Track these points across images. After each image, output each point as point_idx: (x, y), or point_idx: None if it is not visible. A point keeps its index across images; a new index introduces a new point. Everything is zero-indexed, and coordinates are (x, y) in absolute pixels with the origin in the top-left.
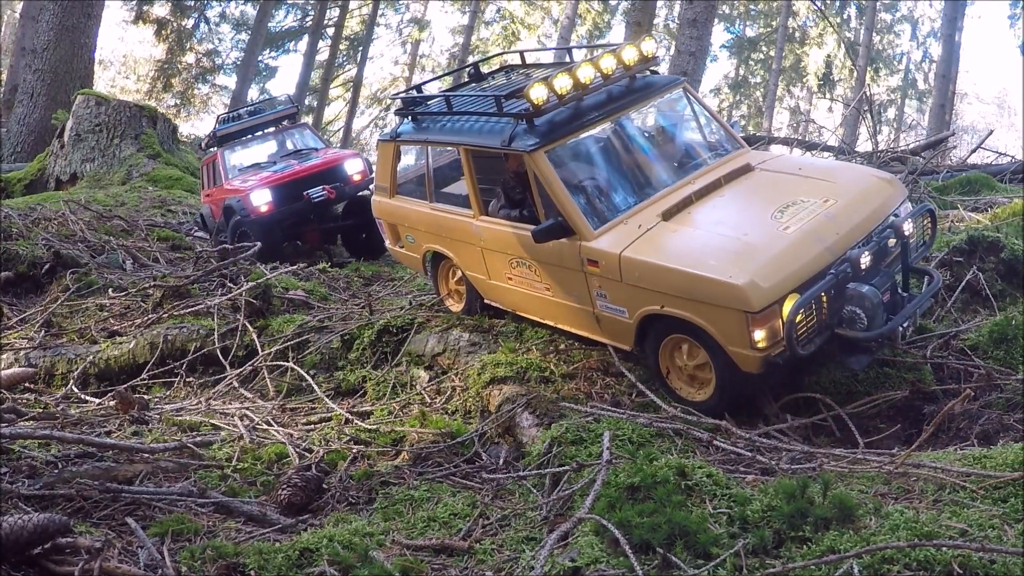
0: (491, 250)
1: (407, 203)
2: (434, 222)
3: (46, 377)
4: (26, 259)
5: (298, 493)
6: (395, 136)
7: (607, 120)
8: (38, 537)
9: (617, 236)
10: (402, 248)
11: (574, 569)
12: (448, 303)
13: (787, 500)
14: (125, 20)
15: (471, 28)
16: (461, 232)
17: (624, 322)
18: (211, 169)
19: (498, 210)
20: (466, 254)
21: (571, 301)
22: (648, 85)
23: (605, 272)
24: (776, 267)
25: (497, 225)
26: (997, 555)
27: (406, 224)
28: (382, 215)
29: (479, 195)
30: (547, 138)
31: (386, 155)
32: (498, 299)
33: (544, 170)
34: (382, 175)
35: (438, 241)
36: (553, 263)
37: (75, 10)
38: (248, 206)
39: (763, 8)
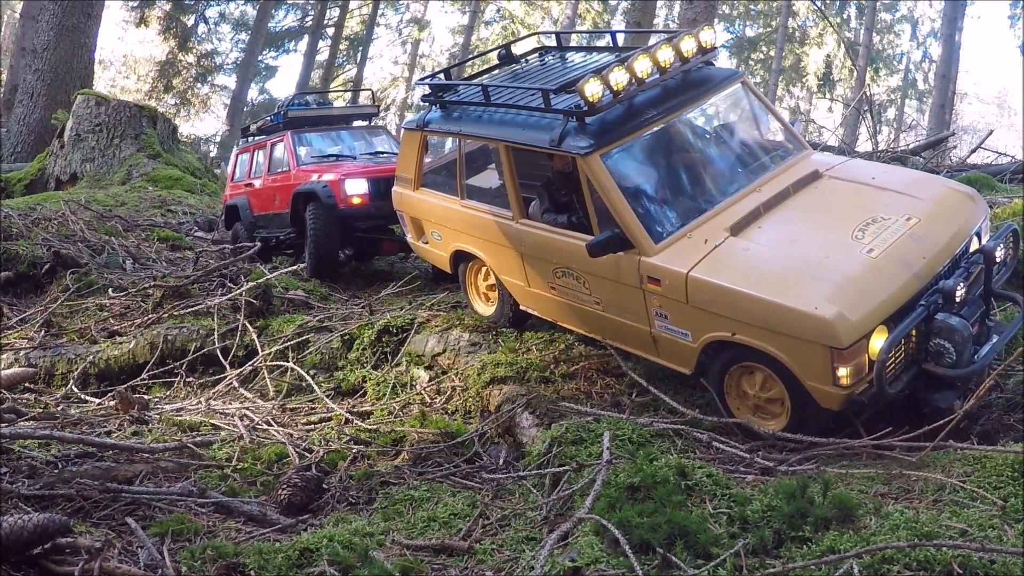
0: (533, 257)
1: (433, 197)
2: (465, 221)
3: (46, 377)
4: (26, 259)
5: (298, 493)
6: (423, 124)
7: (665, 119)
8: (38, 537)
9: (681, 252)
10: (426, 244)
11: (574, 569)
12: (476, 305)
13: (787, 500)
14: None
15: (471, 28)
16: (497, 234)
17: (686, 345)
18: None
19: (541, 213)
20: (502, 258)
21: (624, 318)
22: (705, 79)
23: (668, 292)
24: (864, 297)
25: (541, 231)
26: (997, 555)
27: (432, 220)
28: (405, 208)
29: (520, 196)
30: (602, 140)
31: (411, 144)
32: (537, 308)
33: (600, 176)
34: (406, 165)
35: (469, 241)
36: (607, 277)
37: (75, 10)
38: (338, 194)
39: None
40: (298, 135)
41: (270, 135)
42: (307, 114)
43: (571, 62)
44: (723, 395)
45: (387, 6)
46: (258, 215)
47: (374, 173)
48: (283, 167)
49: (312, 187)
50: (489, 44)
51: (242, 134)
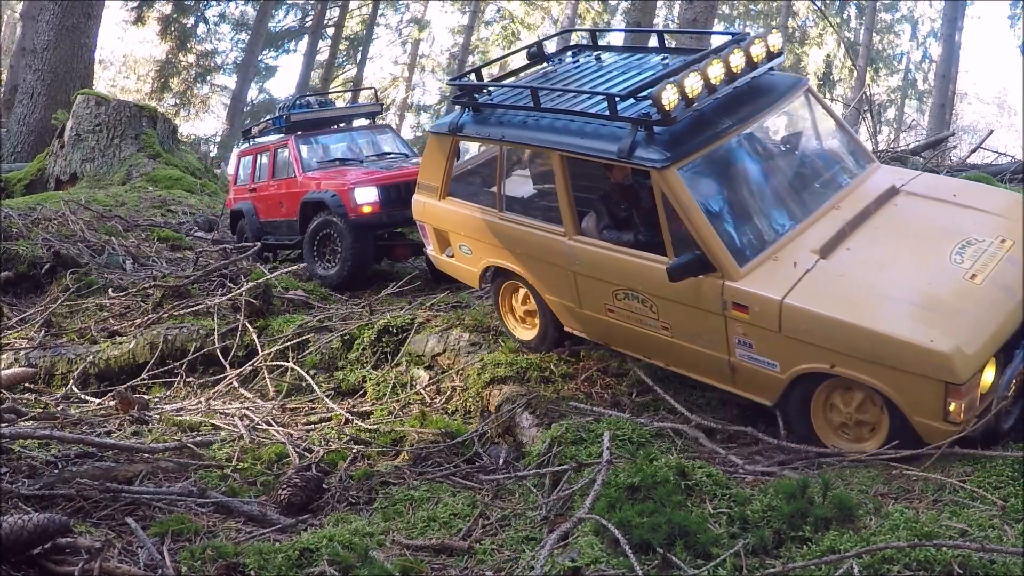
0: (589, 276)
1: (464, 208)
2: (504, 235)
3: (46, 377)
4: (26, 259)
5: (298, 493)
6: (455, 128)
7: (740, 130)
8: (38, 537)
9: (770, 276)
10: (450, 259)
11: (574, 569)
12: (512, 328)
13: (787, 500)
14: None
15: (471, 28)
16: (545, 251)
17: (773, 376)
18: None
19: (599, 230)
20: (549, 276)
21: (699, 345)
22: (771, 87)
23: (757, 320)
24: (977, 329)
25: (601, 249)
26: (997, 555)
27: (461, 232)
28: (428, 219)
29: (574, 210)
30: (678, 152)
31: (440, 150)
32: (589, 331)
33: (678, 192)
34: (432, 172)
35: (507, 257)
36: (682, 302)
37: (75, 10)
38: (347, 203)
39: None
40: (301, 139)
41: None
42: (310, 117)
43: (607, 63)
44: (806, 416)
45: (387, 6)
46: (264, 221)
47: (384, 180)
48: (288, 173)
49: (320, 196)
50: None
51: (243, 136)
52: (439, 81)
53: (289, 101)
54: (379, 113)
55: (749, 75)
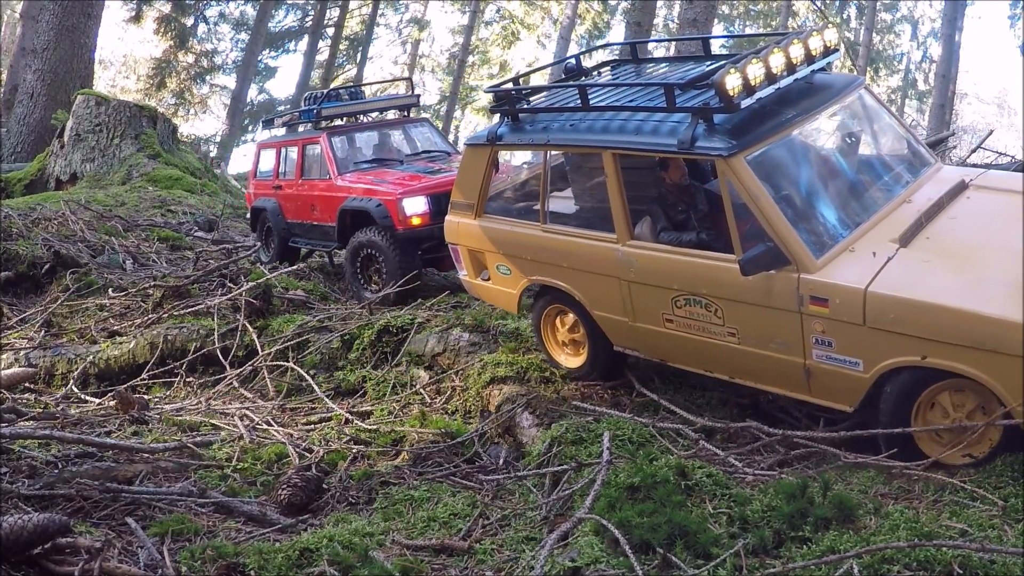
0: (644, 284)
1: (503, 224)
2: (549, 248)
3: (46, 377)
4: (26, 259)
5: (298, 493)
6: (494, 139)
7: (805, 121)
8: (38, 537)
9: (850, 267)
10: (487, 282)
11: (574, 569)
12: (556, 356)
13: (787, 500)
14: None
15: (471, 28)
16: (595, 261)
17: (855, 376)
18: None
19: (656, 233)
20: (598, 289)
21: (769, 350)
22: (829, 84)
23: (838, 313)
24: None
25: (658, 252)
26: (997, 555)
27: (500, 251)
28: (461, 240)
29: (628, 212)
30: (745, 140)
31: (476, 163)
32: (643, 346)
33: (747, 180)
34: (467, 189)
35: (551, 273)
36: (751, 302)
37: (75, 10)
38: (395, 215)
39: (763, 8)
40: (334, 136)
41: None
42: (343, 110)
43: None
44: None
45: (387, 6)
46: (292, 222)
47: (434, 188)
48: (321, 173)
49: (364, 206)
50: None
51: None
52: (439, 81)
53: (317, 94)
54: (415, 105)
55: (808, 68)
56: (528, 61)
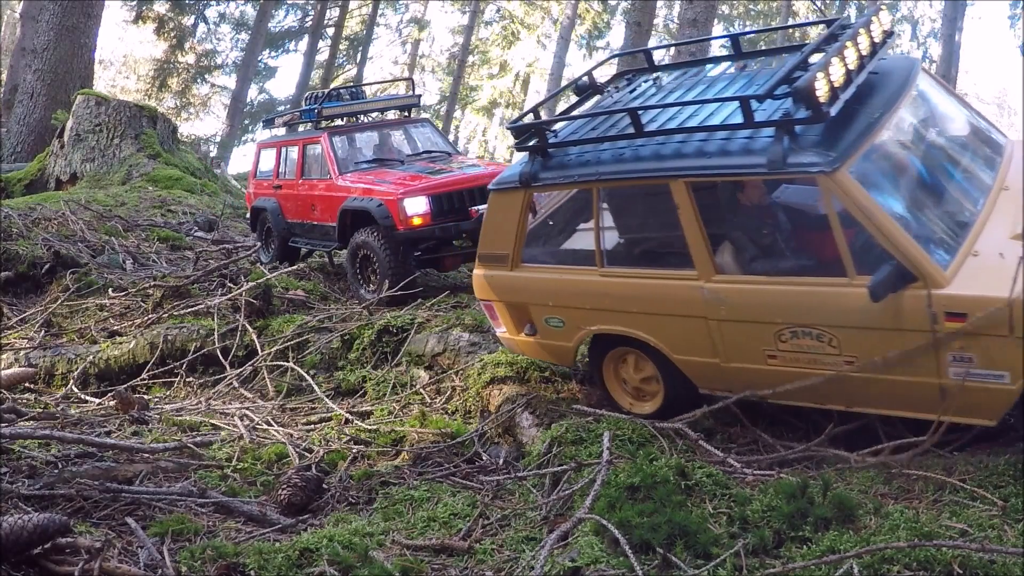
0: (739, 321)
1: (549, 273)
2: (612, 294)
3: (46, 377)
4: (26, 259)
5: (298, 493)
6: (529, 179)
7: (891, 117)
8: (38, 537)
9: (981, 274)
10: (532, 337)
11: (574, 569)
12: (624, 402)
13: (787, 500)
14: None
15: (471, 28)
16: (672, 302)
17: (1001, 390)
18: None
19: (747, 263)
20: (680, 333)
21: (896, 374)
22: (890, 70)
23: (980, 326)
24: None
25: (754, 285)
26: (997, 555)
27: (549, 303)
28: (498, 294)
29: (710, 246)
30: (841, 150)
31: (507, 210)
32: (736, 385)
33: (856, 195)
34: (498, 239)
35: (618, 320)
36: (877, 327)
37: (75, 10)
38: (396, 215)
39: (763, 8)
40: (335, 136)
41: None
42: (344, 110)
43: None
44: None
45: (387, 6)
46: (293, 222)
47: (434, 188)
48: (321, 173)
49: (365, 205)
50: (489, 44)
51: (264, 126)
52: (439, 81)
53: (317, 94)
54: (415, 105)
55: (875, 60)
56: (528, 61)
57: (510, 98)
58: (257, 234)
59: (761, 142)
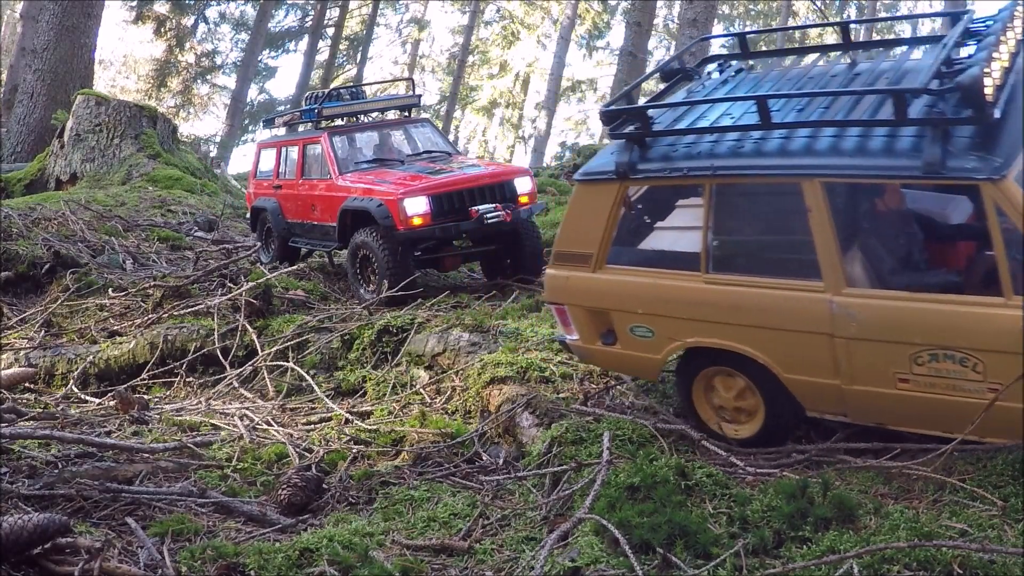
0: (871, 340)
1: (639, 276)
2: (717, 304)
3: (46, 377)
4: (26, 259)
5: (298, 493)
6: (626, 170)
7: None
8: (38, 537)
9: None
10: (613, 347)
11: (574, 569)
12: (715, 425)
13: (787, 500)
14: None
15: (471, 28)
16: (791, 317)
17: None
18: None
19: (883, 275)
20: (795, 350)
21: None
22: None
23: None
24: None
25: (894, 301)
26: (997, 555)
27: (638, 310)
28: (574, 298)
29: (841, 255)
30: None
31: (597, 204)
32: (858, 410)
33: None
34: (581, 236)
35: (721, 333)
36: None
37: (75, 10)
38: (396, 215)
39: (763, 8)
40: (335, 136)
41: (299, 132)
42: (344, 110)
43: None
44: None
45: (387, 6)
46: (293, 222)
47: (435, 188)
48: (321, 173)
49: (365, 205)
50: (489, 44)
51: (264, 125)
52: (439, 81)
53: (318, 94)
54: (416, 105)
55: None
56: (528, 61)
57: (510, 98)
58: (257, 234)
59: (907, 142)
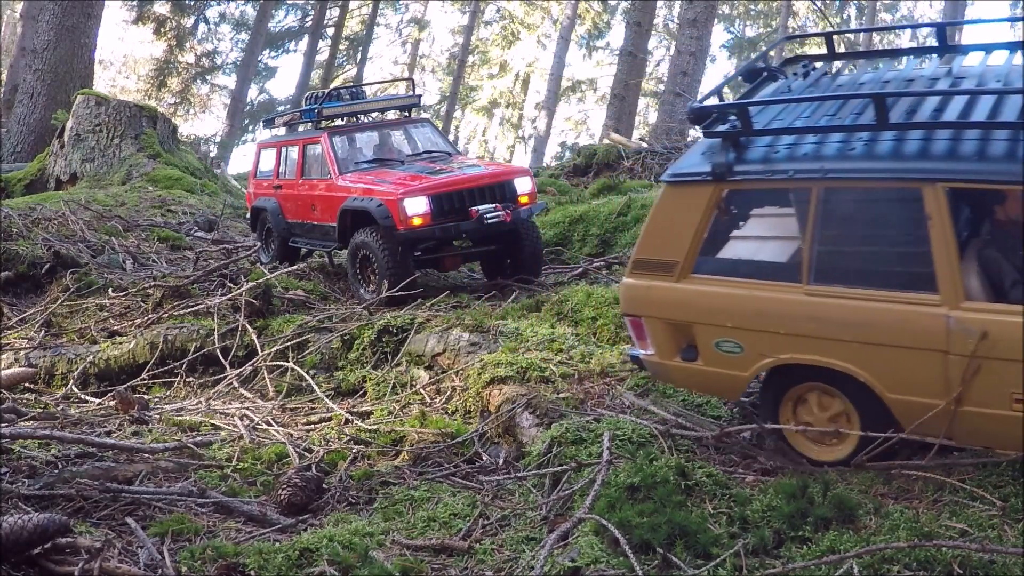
0: (991, 359)
1: (731, 287)
2: (818, 317)
3: (46, 377)
4: (26, 259)
5: (298, 493)
6: (724, 170)
7: None
8: (38, 537)
9: None
10: (693, 364)
11: (574, 569)
12: (801, 446)
13: (787, 500)
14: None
15: (471, 28)
16: (902, 332)
17: None
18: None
19: (1007, 288)
20: (903, 368)
21: None
22: None
23: None
24: None
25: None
26: (997, 555)
27: (727, 323)
28: (653, 310)
29: (959, 267)
30: None
31: (687, 207)
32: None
33: None
34: (666, 242)
35: (820, 349)
36: None
37: (75, 10)
38: (396, 215)
39: (763, 8)
40: (335, 136)
41: (299, 132)
42: (344, 110)
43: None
44: None
45: (387, 6)
46: (292, 222)
47: (435, 189)
48: (321, 173)
49: (365, 205)
50: (489, 44)
51: (264, 125)
52: (439, 81)
53: (318, 94)
54: (416, 105)
55: None
56: (528, 61)
57: (510, 98)
58: (257, 234)
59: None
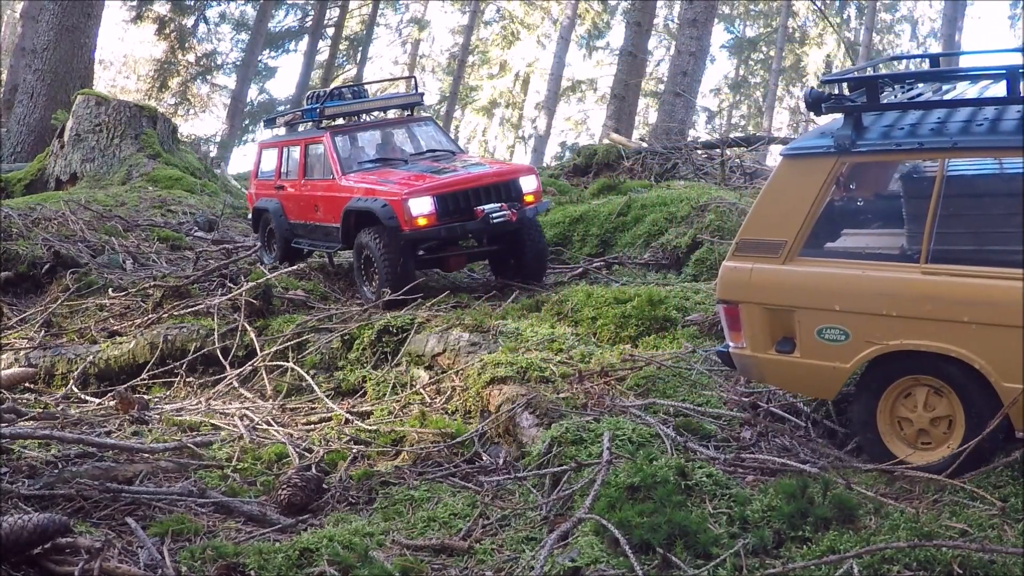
0: None
1: (841, 268)
2: (936, 298)
3: (46, 377)
4: (26, 259)
5: (298, 493)
6: (848, 143)
7: None
8: (38, 537)
9: None
10: (790, 355)
11: (574, 569)
12: (896, 448)
13: (787, 500)
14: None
15: (471, 28)
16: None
17: None
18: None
19: None
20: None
21: None
22: None
23: None
24: None
25: None
26: (997, 555)
27: (835, 307)
28: (757, 295)
29: None
30: None
31: (806, 181)
32: None
33: None
34: (777, 220)
35: (934, 333)
36: None
37: (75, 10)
38: (400, 215)
39: (763, 8)
40: (337, 136)
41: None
42: (346, 109)
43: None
44: None
45: (387, 6)
46: (295, 223)
47: (439, 188)
48: (324, 173)
49: (369, 206)
50: (489, 44)
51: (265, 125)
52: (439, 81)
53: (320, 93)
54: (418, 103)
55: None
56: (528, 61)
57: (510, 98)
58: (259, 235)
59: None
